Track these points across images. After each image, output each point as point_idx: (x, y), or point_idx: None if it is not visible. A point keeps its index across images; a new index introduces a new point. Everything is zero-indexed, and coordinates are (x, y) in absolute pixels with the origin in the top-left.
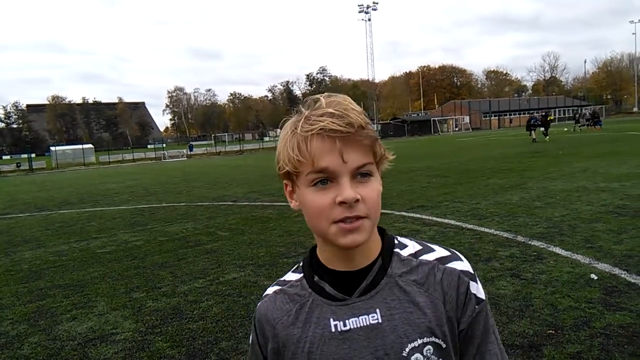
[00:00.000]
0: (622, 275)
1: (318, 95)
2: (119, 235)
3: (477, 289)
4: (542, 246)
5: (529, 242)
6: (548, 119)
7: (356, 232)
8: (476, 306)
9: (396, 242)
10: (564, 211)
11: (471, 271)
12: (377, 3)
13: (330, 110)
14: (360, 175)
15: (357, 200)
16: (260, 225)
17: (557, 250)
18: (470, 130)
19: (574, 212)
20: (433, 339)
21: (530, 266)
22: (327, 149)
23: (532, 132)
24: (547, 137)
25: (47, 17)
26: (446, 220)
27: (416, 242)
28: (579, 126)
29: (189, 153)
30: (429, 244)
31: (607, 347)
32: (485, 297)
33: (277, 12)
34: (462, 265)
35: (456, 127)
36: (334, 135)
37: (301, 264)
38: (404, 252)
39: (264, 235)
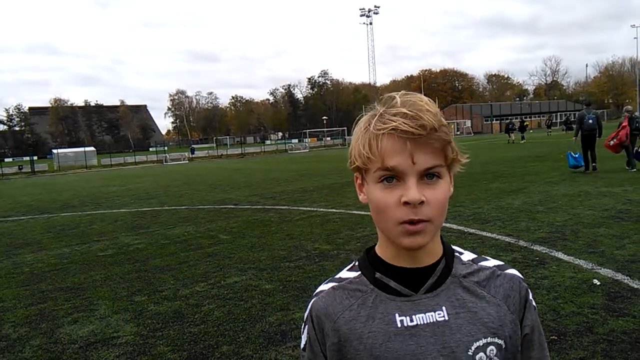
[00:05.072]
0: (625, 281)
1: (394, 93)
2: (120, 238)
3: (533, 298)
4: (544, 251)
5: (531, 247)
6: (524, 124)
7: (419, 234)
8: (534, 313)
9: (453, 247)
10: (566, 216)
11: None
12: (378, 7)
13: (404, 110)
14: (427, 176)
15: (422, 202)
16: (262, 228)
17: (560, 255)
18: (472, 134)
19: (576, 217)
20: (496, 339)
21: (533, 271)
22: (397, 149)
23: (510, 134)
24: (524, 140)
25: (42, 19)
26: (448, 225)
27: (469, 251)
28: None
29: (190, 156)
30: (481, 255)
31: (610, 353)
32: None
33: (276, 15)
34: (519, 273)
35: (458, 131)
36: (405, 137)
37: (356, 263)
38: (463, 257)
39: (265, 238)
